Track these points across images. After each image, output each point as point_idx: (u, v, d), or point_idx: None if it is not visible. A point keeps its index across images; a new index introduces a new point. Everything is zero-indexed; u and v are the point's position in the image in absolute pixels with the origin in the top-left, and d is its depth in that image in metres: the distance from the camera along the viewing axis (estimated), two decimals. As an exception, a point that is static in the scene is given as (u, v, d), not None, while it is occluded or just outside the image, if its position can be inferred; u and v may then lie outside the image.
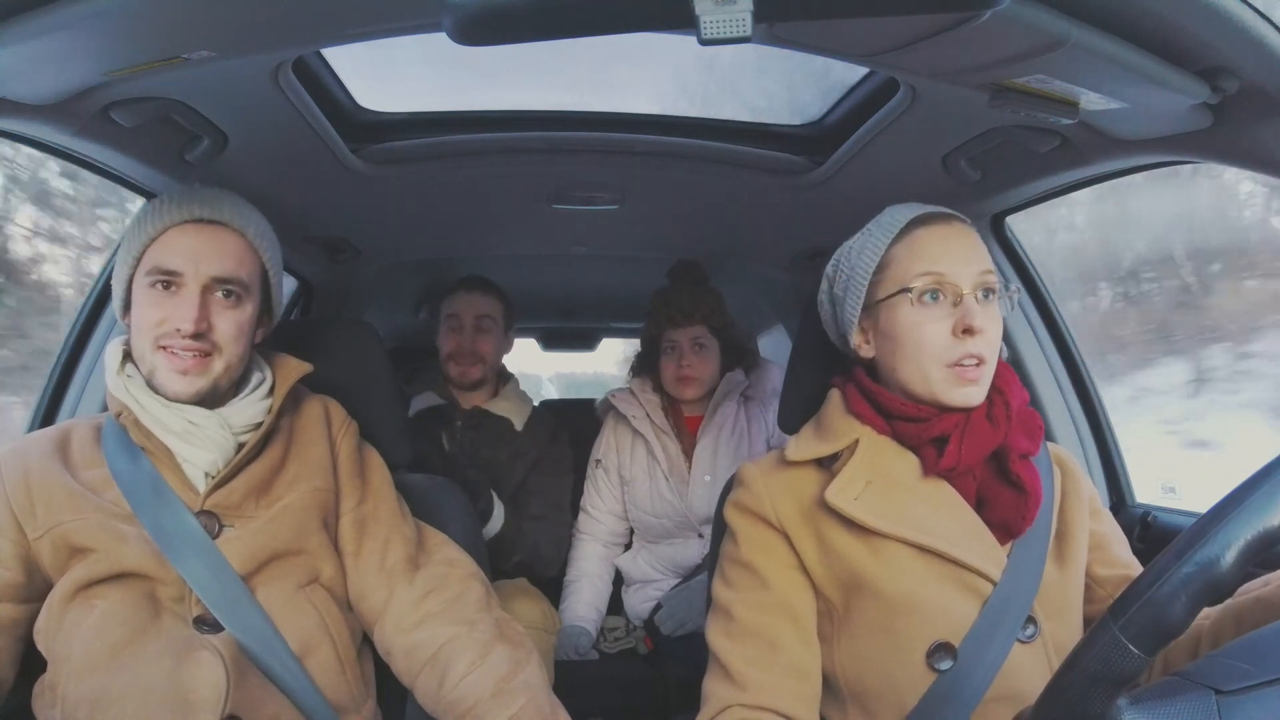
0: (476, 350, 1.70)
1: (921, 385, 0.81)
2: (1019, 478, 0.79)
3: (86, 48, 0.74)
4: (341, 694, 0.91)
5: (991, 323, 0.80)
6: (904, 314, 0.81)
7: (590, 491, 1.80)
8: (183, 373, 0.88)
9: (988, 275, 0.81)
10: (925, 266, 0.81)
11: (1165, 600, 0.46)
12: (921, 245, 0.82)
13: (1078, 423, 1.44)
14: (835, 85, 1.18)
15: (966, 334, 0.78)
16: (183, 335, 0.87)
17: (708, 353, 1.67)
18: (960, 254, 0.81)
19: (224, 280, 0.90)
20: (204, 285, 0.89)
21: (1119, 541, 0.88)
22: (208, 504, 0.89)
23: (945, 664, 0.75)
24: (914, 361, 0.81)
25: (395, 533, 1.00)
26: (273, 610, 0.88)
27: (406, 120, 1.25)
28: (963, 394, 0.79)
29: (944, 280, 0.80)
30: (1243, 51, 0.70)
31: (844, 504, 0.79)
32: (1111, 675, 0.45)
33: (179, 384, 0.89)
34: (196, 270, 0.89)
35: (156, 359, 0.89)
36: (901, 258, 0.83)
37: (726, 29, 0.54)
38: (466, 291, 1.74)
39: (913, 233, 0.83)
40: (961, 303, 0.79)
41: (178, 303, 0.88)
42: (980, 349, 0.79)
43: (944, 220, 0.83)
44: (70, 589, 0.84)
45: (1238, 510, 0.47)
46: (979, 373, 0.79)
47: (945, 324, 0.79)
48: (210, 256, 0.90)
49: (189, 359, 0.88)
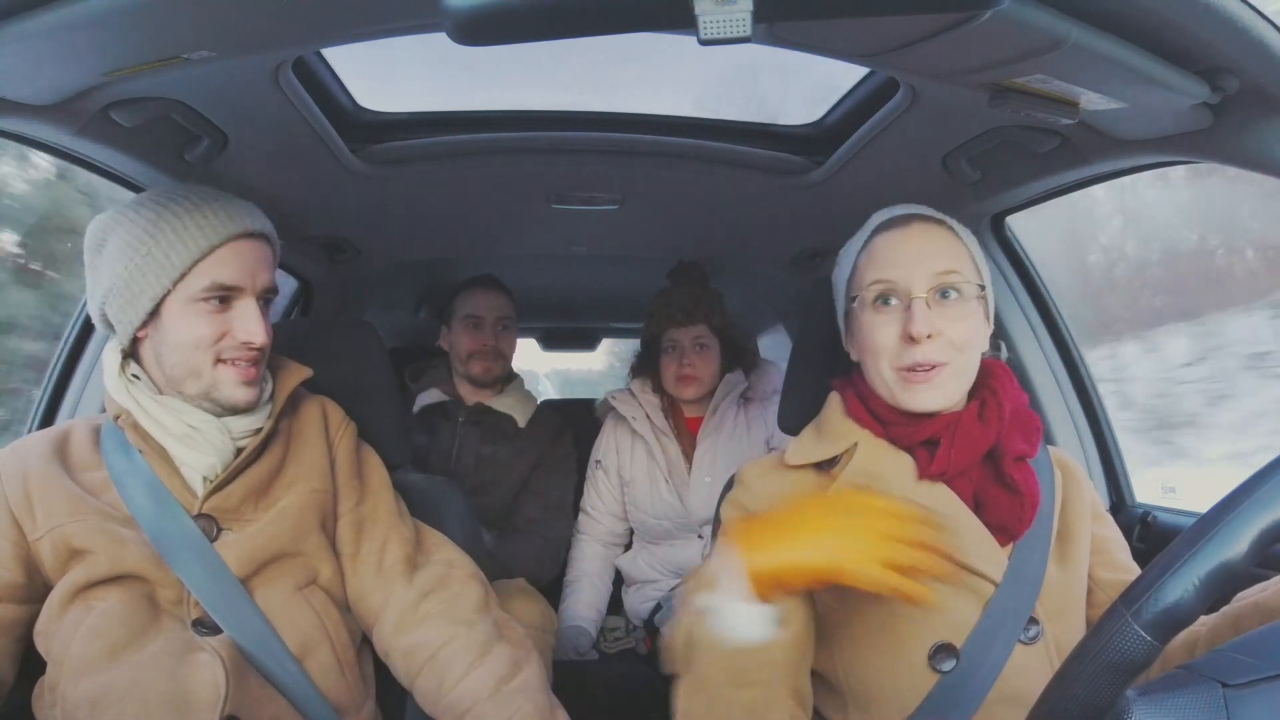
0: (499, 348, 1.73)
1: (884, 390, 0.82)
2: (1014, 480, 0.79)
3: (86, 48, 0.73)
4: (341, 695, 0.91)
5: (953, 323, 0.78)
6: (862, 320, 0.82)
7: (590, 492, 1.80)
8: (249, 382, 0.91)
9: (946, 275, 0.79)
10: (876, 273, 0.81)
11: (1178, 586, 0.45)
12: (877, 251, 0.83)
13: (1078, 423, 1.44)
14: (835, 85, 1.18)
15: (912, 340, 0.77)
16: (253, 348, 0.89)
17: (709, 353, 1.68)
18: (913, 257, 0.80)
19: (268, 290, 0.93)
20: (257, 297, 0.91)
21: (1120, 546, 0.88)
22: (205, 507, 0.89)
23: (947, 665, 0.75)
24: (872, 367, 0.82)
25: (393, 533, 1.00)
26: (271, 612, 0.88)
27: (406, 120, 1.25)
28: (916, 399, 0.79)
29: (894, 286, 0.80)
30: (1243, 51, 0.70)
31: None
32: (1122, 663, 0.44)
33: (247, 394, 0.91)
34: (254, 283, 0.91)
35: (219, 374, 0.89)
36: (861, 265, 0.84)
37: (726, 29, 0.54)
38: (485, 291, 1.75)
39: (873, 240, 0.84)
40: (910, 307, 0.78)
41: (238, 316, 0.89)
42: (931, 354, 0.77)
43: (903, 224, 0.83)
44: (69, 591, 0.84)
45: (1251, 499, 0.46)
46: (929, 376, 0.78)
47: (895, 329, 0.79)
48: (261, 268, 0.92)
49: (253, 370, 0.91)
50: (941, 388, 0.79)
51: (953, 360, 0.78)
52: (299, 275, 1.80)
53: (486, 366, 1.71)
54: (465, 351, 1.72)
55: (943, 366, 0.78)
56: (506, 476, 1.69)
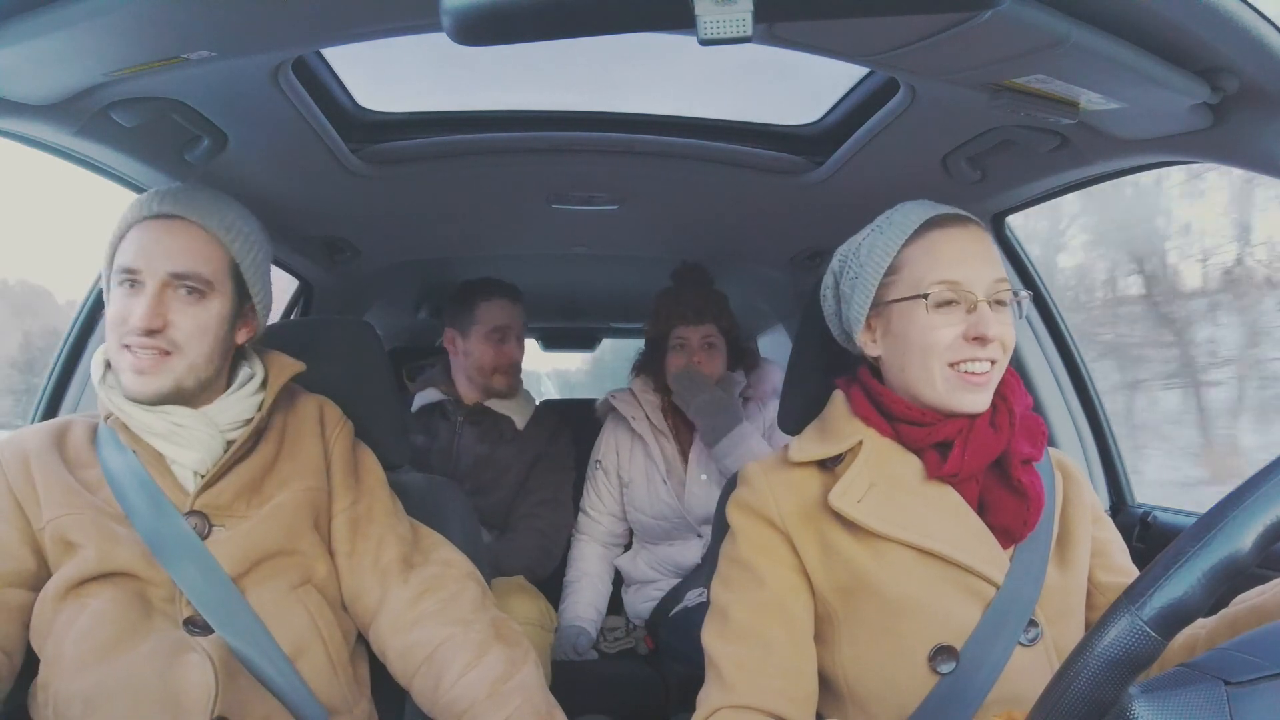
0: (518, 361, 1.74)
1: (928, 389, 0.80)
2: (1020, 483, 0.79)
3: (86, 48, 0.74)
4: (333, 695, 0.90)
5: (1005, 328, 0.80)
6: (918, 318, 0.80)
7: (590, 493, 1.79)
8: (140, 372, 0.87)
9: (1001, 284, 0.81)
10: (942, 274, 0.80)
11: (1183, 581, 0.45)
12: (939, 250, 0.81)
13: (1078, 425, 1.44)
14: (835, 85, 1.18)
15: (978, 341, 0.78)
16: (137, 333, 0.86)
17: (716, 352, 1.67)
18: (976, 261, 0.80)
19: (182, 276, 0.88)
20: (162, 282, 0.87)
21: (1120, 549, 0.88)
22: (197, 504, 0.89)
23: (947, 667, 0.75)
24: (922, 365, 0.80)
25: (389, 532, 0.99)
26: (264, 611, 0.88)
27: (406, 120, 1.25)
28: (969, 400, 0.79)
29: (960, 289, 0.79)
30: (1243, 51, 0.70)
31: (847, 507, 0.79)
32: (1126, 660, 0.44)
33: (137, 384, 0.88)
34: (152, 266, 0.87)
35: (120, 358, 0.88)
36: (917, 260, 0.81)
37: (726, 29, 0.54)
38: (512, 304, 1.74)
39: (928, 234, 0.82)
40: (976, 310, 0.79)
41: (137, 301, 0.87)
42: (994, 355, 0.79)
43: (960, 223, 0.82)
44: (61, 588, 0.84)
45: (1256, 495, 0.46)
46: (985, 379, 0.79)
47: (957, 329, 0.79)
48: (167, 253, 0.88)
49: (145, 358, 0.87)
50: (990, 390, 0.80)
51: (1000, 365, 0.80)
52: (299, 275, 1.80)
53: (510, 381, 1.72)
54: (490, 365, 1.70)
55: (993, 370, 0.80)
56: (506, 477, 1.69)
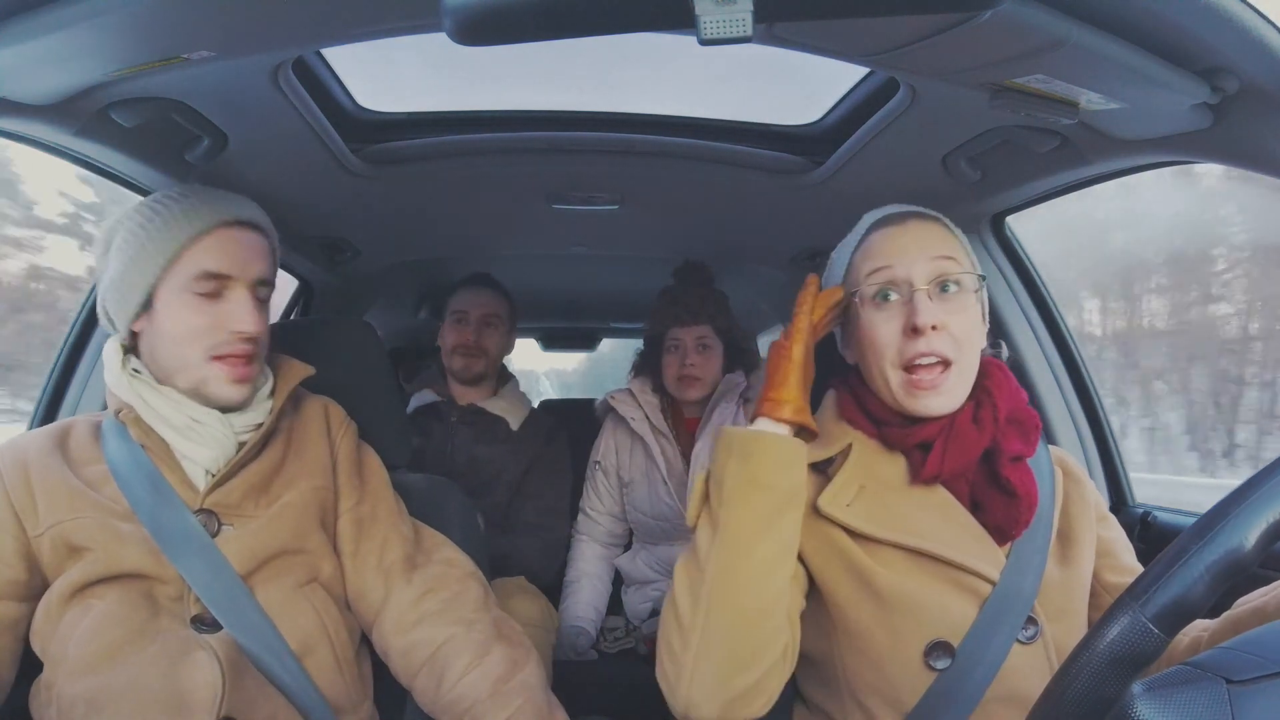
0: (481, 345, 1.72)
1: (886, 392, 0.80)
2: (1009, 482, 0.78)
3: (86, 48, 0.74)
4: (339, 694, 0.91)
5: (955, 316, 0.77)
6: (862, 318, 0.81)
7: (589, 493, 1.79)
8: (239, 380, 0.89)
9: (945, 264, 0.78)
10: (873, 265, 0.80)
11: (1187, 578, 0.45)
12: (875, 248, 0.82)
13: (1078, 423, 1.44)
14: (835, 85, 1.18)
15: (915, 333, 0.76)
16: (244, 339, 0.88)
17: (712, 353, 1.67)
18: (911, 248, 0.79)
19: (264, 282, 0.92)
20: (250, 288, 0.90)
21: (1125, 548, 0.87)
22: (207, 502, 0.89)
23: (943, 663, 0.75)
24: (876, 368, 0.80)
25: (393, 532, 1.00)
26: (271, 609, 0.88)
27: (406, 120, 1.25)
28: (923, 405, 0.78)
29: (894, 277, 0.79)
30: (1243, 51, 0.70)
31: (836, 511, 0.79)
32: (1130, 657, 0.44)
33: (236, 392, 0.89)
34: (245, 272, 0.89)
35: (210, 370, 0.88)
36: (857, 262, 0.83)
37: (726, 29, 0.54)
38: (474, 289, 1.76)
39: (869, 237, 0.83)
40: (912, 299, 0.78)
41: (230, 307, 0.88)
42: (937, 346, 0.77)
43: (899, 220, 0.83)
44: (67, 590, 0.84)
45: (1259, 492, 0.46)
46: (939, 380, 0.77)
47: (896, 324, 0.78)
48: (254, 258, 0.91)
49: (242, 366, 0.89)
50: (949, 393, 0.78)
51: (957, 359, 0.78)
52: (299, 275, 1.80)
53: (466, 363, 1.71)
54: (449, 346, 1.73)
55: (948, 369, 0.77)
56: (501, 479, 1.69)
